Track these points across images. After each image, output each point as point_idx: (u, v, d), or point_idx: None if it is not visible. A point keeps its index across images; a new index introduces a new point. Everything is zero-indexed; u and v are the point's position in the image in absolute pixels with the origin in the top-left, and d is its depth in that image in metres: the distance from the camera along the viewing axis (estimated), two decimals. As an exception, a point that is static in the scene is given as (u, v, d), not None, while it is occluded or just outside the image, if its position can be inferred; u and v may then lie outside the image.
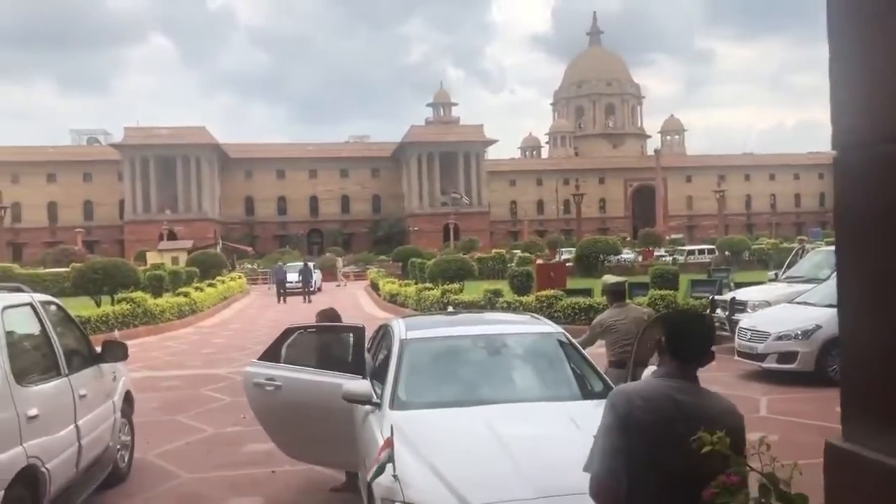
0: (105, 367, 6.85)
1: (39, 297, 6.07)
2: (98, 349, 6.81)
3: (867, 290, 1.07)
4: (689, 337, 2.83)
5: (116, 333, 16.64)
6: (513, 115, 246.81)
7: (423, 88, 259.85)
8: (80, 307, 20.58)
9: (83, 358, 6.40)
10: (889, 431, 1.02)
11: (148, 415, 10.42)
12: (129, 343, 18.71)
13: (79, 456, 5.83)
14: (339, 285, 46.58)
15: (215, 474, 7.57)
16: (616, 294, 7.76)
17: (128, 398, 7.61)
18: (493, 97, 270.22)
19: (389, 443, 4.36)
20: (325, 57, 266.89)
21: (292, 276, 37.02)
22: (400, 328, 6.28)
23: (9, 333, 5.07)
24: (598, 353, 7.16)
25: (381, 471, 4.30)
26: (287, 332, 6.39)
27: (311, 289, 36.68)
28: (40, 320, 5.71)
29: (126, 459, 7.43)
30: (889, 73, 1.07)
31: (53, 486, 5.28)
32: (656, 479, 2.71)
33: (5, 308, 5.15)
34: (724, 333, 14.11)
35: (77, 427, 5.83)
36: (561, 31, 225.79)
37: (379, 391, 5.53)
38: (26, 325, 5.60)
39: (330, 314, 7.16)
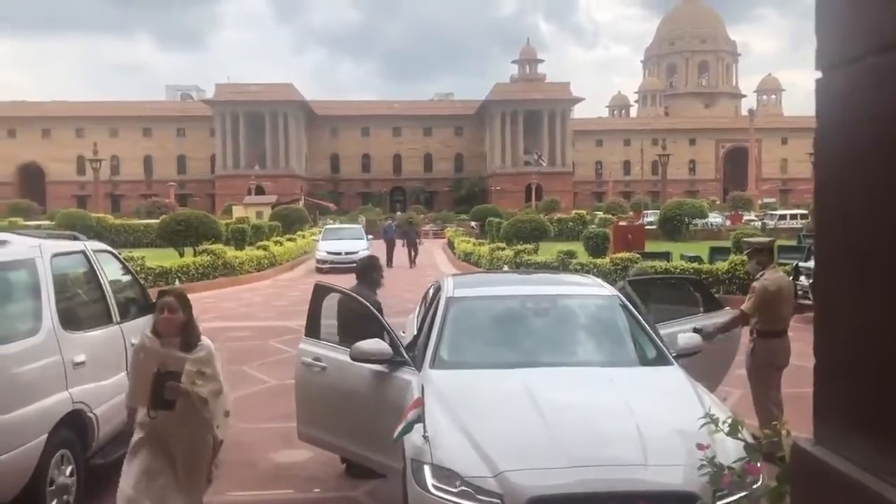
0: (162, 316, 6.95)
1: (93, 245, 6.16)
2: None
3: (849, 254, 0.82)
4: None
5: (177, 284, 17.14)
6: (603, 72, 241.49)
7: (512, 44, 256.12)
8: (164, 257, 21.31)
9: (138, 307, 6.50)
10: (860, 438, 0.79)
11: (215, 364, 10.69)
12: (207, 294, 19.41)
13: (130, 401, 5.93)
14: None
15: (269, 426, 7.66)
16: (771, 253, 7.05)
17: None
18: (585, 53, 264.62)
19: (420, 402, 4.23)
20: (415, 12, 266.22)
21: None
22: (448, 286, 6.12)
23: (58, 280, 5.14)
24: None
25: (407, 429, 4.18)
26: (318, 292, 6.02)
27: (415, 253, 29.20)
28: (93, 268, 5.80)
29: (181, 407, 7.57)
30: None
31: (102, 431, 5.39)
32: None
33: (55, 255, 5.23)
34: (807, 302, 13.41)
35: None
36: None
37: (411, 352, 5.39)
38: (78, 272, 5.70)
39: (368, 262, 6.95)
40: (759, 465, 1.90)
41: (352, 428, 5.50)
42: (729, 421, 1.97)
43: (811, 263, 15.56)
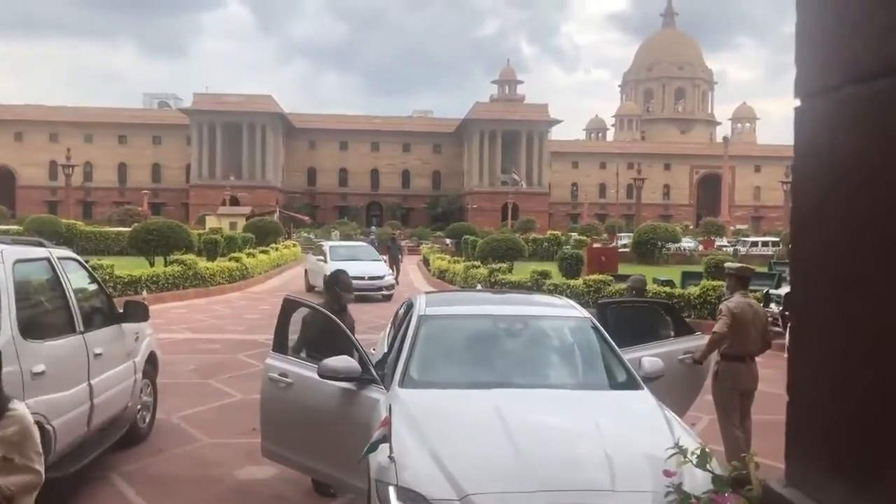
0: (128, 327, 6.81)
1: (59, 252, 6.03)
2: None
3: (827, 286, 0.79)
4: None
5: (145, 294, 16.89)
6: (582, 95, 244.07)
7: (493, 64, 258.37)
8: (134, 266, 21.01)
9: (102, 316, 6.36)
10: (835, 482, 0.75)
11: (181, 377, 10.53)
12: (176, 304, 19.14)
13: (91, 415, 5.80)
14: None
15: (235, 441, 7.51)
16: (741, 279, 7.05)
17: (151, 359, 7.59)
18: (565, 76, 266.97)
19: (386, 421, 4.16)
20: (399, 28, 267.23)
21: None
22: (420, 303, 6.06)
23: (19, 287, 5.01)
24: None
25: (372, 448, 4.11)
26: (287, 306, 5.90)
27: (398, 271, 27.42)
28: (57, 276, 5.67)
29: (147, 420, 7.43)
30: (859, 3, 0.79)
31: (60, 444, 5.24)
32: None
33: (17, 261, 5.09)
34: (777, 329, 13.52)
35: (90, 386, 5.79)
36: (638, 10, 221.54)
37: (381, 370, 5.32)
38: (41, 279, 5.56)
39: (333, 277, 6.82)
40: (726, 495, 1.87)
41: (317, 446, 5.41)
42: (698, 452, 1.93)
43: (782, 290, 15.72)
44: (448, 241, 51.85)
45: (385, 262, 24.64)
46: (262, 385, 5.82)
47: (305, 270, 25.95)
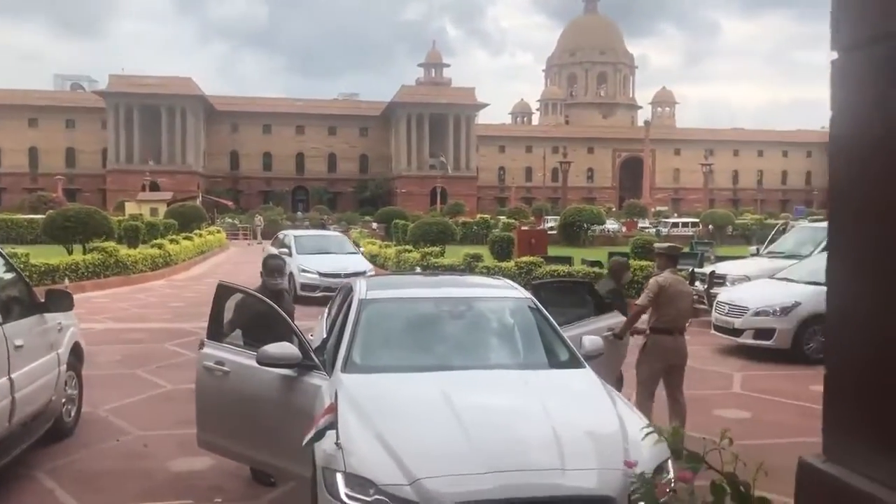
0: (50, 317, 6.49)
1: (-27, 240, 5.67)
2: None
3: (866, 250, 0.75)
4: None
5: (66, 283, 16.24)
6: (509, 79, 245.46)
7: (418, 46, 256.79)
8: (51, 255, 20.12)
9: (22, 306, 6.03)
10: (882, 454, 0.70)
11: (107, 368, 10.14)
12: (98, 293, 18.45)
13: (12, 410, 5.50)
14: (250, 244, 45.64)
15: (165, 432, 7.27)
16: (670, 258, 7.25)
17: (76, 350, 7.26)
18: (491, 59, 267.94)
19: (332, 408, 4.07)
20: (322, 9, 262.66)
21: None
22: (361, 287, 5.96)
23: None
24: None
25: (318, 437, 4.02)
26: (221, 292, 5.71)
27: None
28: (-29, 265, 5.33)
29: (72, 414, 7.12)
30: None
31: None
32: None
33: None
34: (702, 307, 13.92)
35: (11, 380, 5.49)
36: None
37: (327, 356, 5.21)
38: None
39: (272, 265, 6.64)
40: (692, 473, 1.85)
41: (256, 435, 5.27)
42: (671, 430, 1.91)
43: (706, 269, 16.18)
44: (375, 225, 51.57)
45: (361, 253, 20.97)
46: (197, 374, 5.64)
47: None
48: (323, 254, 18.81)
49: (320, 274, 17.33)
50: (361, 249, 21.70)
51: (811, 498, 0.81)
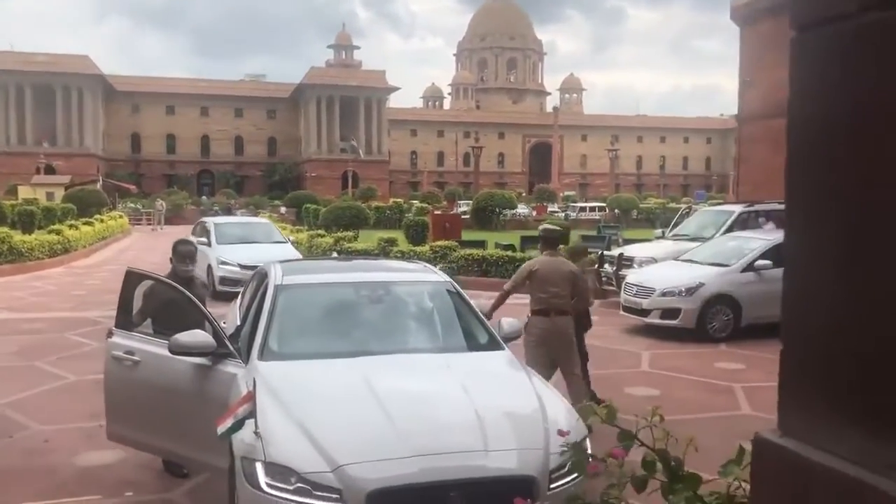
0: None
1: None
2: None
3: (826, 226, 0.76)
4: None
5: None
6: (420, 63, 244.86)
7: (328, 28, 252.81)
8: (-64, 242, 18.93)
9: None
10: (841, 428, 0.71)
11: (3, 360, 9.66)
12: (-10, 282, 17.40)
13: None
14: (154, 230, 44.53)
15: (70, 425, 6.96)
16: (547, 241, 7.44)
17: (-31, 342, 6.84)
18: (402, 43, 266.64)
19: (250, 396, 3.98)
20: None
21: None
22: (276, 272, 5.83)
23: None
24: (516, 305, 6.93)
25: (237, 427, 3.93)
26: (130, 279, 5.58)
27: None
28: None
29: (-34, 409, 6.72)
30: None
31: None
32: None
33: None
34: (611, 288, 14.31)
35: None
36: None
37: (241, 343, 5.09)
38: None
39: (183, 251, 6.39)
40: (624, 450, 1.89)
41: (169, 425, 5.12)
42: (606, 408, 1.93)
43: (614, 251, 16.62)
44: (284, 209, 50.73)
45: (291, 243, 18.80)
46: (106, 364, 5.43)
47: None
48: (246, 243, 16.79)
49: (242, 266, 14.79)
50: (291, 238, 19.89)
51: (768, 473, 0.82)
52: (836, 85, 0.79)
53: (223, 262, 15.77)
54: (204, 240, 16.56)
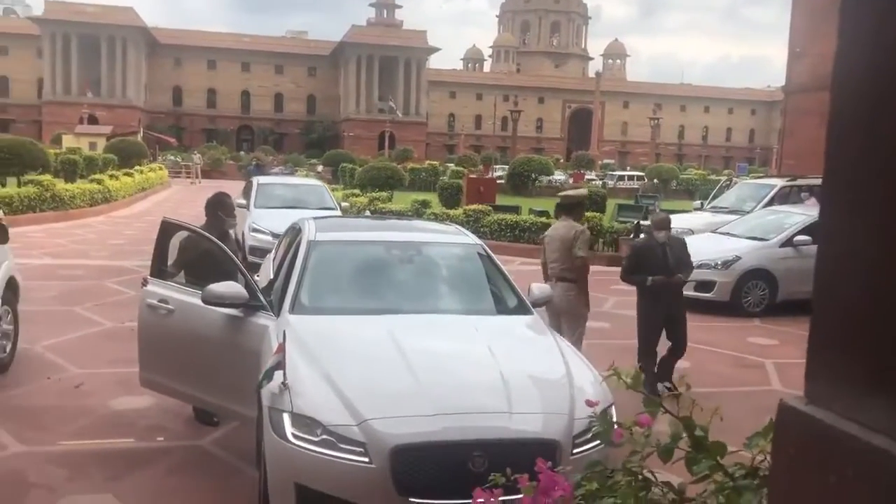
0: (-18, 249, 6.24)
1: None
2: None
3: (868, 192, 0.72)
4: None
5: (1, 214, 15.72)
6: (462, 23, 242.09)
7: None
8: (-18, 187, 19.37)
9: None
10: (868, 397, 0.69)
11: (43, 304, 9.87)
12: (34, 228, 17.87)
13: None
14: (192, 183, 45.21)
15: (105, 370, 7.14)
16: (561, 207, 7.43)
17: (11, 285, 7.02)
18: (445, 2, 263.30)
19: (281, 348, 4.02)
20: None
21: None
22: (310, 228, 5.87)
23: None
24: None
25: (268, 377, 3.98)
26: (166, 229, 5.64)
27: None
28: None
29: (7, 350, 6.91)
30: None
31: None
32: None
33: None
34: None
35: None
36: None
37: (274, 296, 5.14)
38: None
39: (216, 199, 6.45)
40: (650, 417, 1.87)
41: (201, 374, 5.21)
42: (632, 373, 1.92)
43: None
44: (321, 168, 50.86)
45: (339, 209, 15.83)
46: (140, 312, 5.52)
47: None
48: (289, 208, 13.73)
49: (275, 236, 11.29)
50: (345, 204, 17.92)
51: (793, 439, 0.80)
52: (890, 46, 0.75)
53: (255, 230, 13.24)
54: (243, 201, 14.30)
